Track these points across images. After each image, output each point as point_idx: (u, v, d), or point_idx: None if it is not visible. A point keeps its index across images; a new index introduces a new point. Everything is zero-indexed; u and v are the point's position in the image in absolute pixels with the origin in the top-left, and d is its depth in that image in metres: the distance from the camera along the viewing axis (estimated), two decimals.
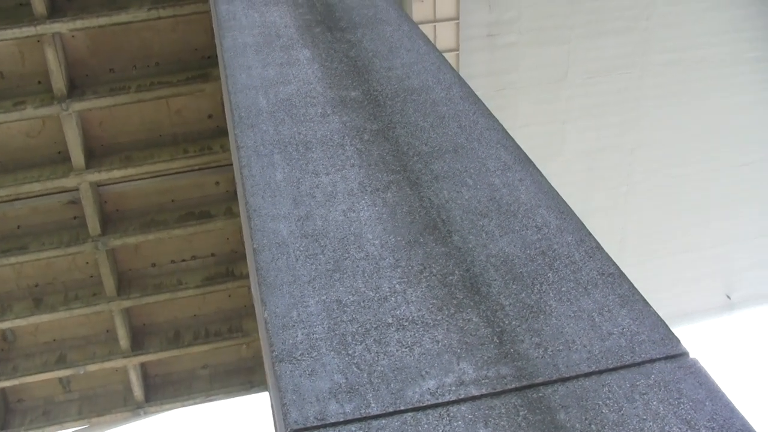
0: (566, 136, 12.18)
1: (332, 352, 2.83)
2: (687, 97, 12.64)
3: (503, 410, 2.58)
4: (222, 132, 10.16)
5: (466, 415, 2.57)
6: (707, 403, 2.60)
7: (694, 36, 12.25)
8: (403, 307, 3.01)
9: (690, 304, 14.65)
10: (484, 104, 4.51)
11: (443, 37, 10.94)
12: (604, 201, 12.94)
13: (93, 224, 9.84)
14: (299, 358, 2.82)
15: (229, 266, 10.86)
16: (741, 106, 13.02)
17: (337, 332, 2.92)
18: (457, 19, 10.93)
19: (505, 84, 11.56)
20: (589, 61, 11.82)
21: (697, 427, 2.52)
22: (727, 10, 12.23)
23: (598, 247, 3.30)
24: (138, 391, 11.01)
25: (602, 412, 2.57)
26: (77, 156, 9.59)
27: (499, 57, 11.42)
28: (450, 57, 10.93)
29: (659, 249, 13.76)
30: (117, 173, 9.77)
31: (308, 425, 2.56)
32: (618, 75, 12.06)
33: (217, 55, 7.71)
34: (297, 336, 2.91)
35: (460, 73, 10.94)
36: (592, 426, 2.52)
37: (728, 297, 14.77)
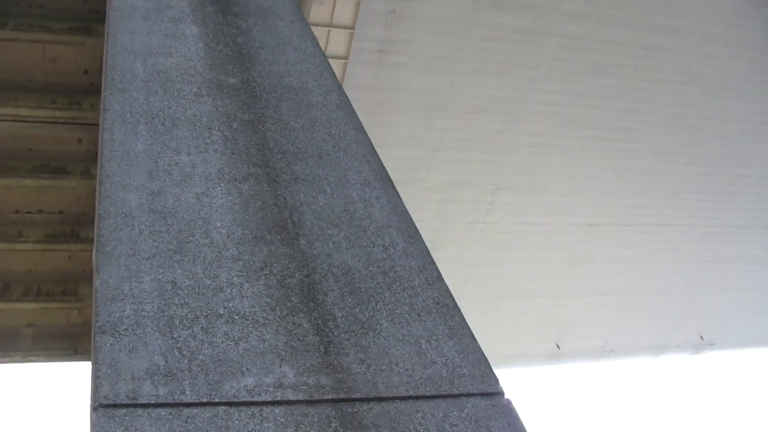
0: (434, 164, 12.38)
1: (157, 333, 2.78)
2: (553, 150, 13.05)
3: (316, 419, 2.59)
4: (95, 90, 9.82)
5: (279, 418, 2.57)
6: None
7: (572, 95, 12.67)
8: (237, 301, 2.99)
9: (521, 348, 15.07)
10: (357, 117, 4.54)
11: (335, 43, 10.95)
12: (458, 234, 13.19)
13: None
14: (122, 332, 2.76)
15: (76, 227, 10.49)
16: (598, 169, 13.54)
17: (166, 313, 2.88)
18: (353, 29, 10.95)
19: (386, 102, 11.65)
20: (471, 97, 12.05)
21: None
22: (606, 77, 12.71)
23: (439, 277, 3.36)
24: None
25: None
26: None
27: (385, 75, 11.52)
28: (338, 64, 10.95)
29: (500, 290, 14.12)
30: None
31: (118, 402, 2.50)
32: (494, 116, 12.34)
33: (105, 12, 7.47)
34: (125, 310, 2.85)
35: (345, 83, 10.99)
36: None
37: (558, 347, 15.29)
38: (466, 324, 3.14)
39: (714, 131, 14.08)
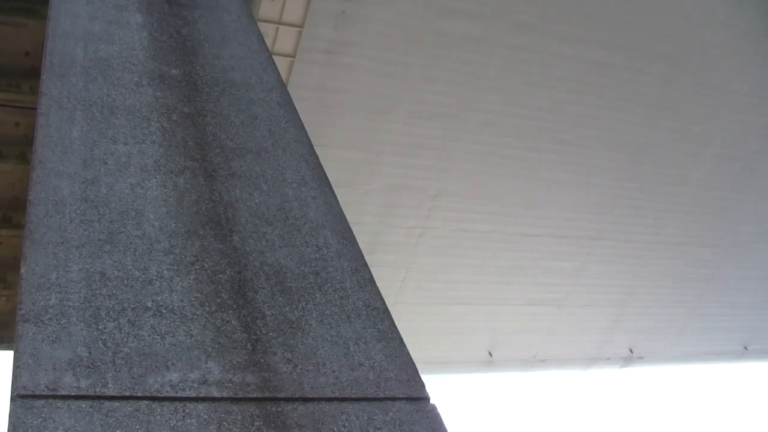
0: (376, 167, 12.36)
1: (82, 324, 2.74)
2: (496, 160, 13.13)
3: (239, 417, 2.57)
4: (36, 73, 9.61)
5: (202, 414, 2.54)
6: None
7: (517, 106, 12.76)
8: (166, 294, 2.95)
9: (454, 354, 15.13)
10: (298, 116, 4.52)
11: (283, 41, 10.89)
12: (397, 238, 13.19)
13: None
14: (46, 322, 2.70)
15: (8, 212, 10.27)
16: (539, 180, 13.66)
17: (92, 304, 2.83)
18: (302, 27, 10.90)
19: (331, 103, 11.61)
20: (416, 102, 12.06)
21: None
22: (551, 90, 12.84)
23: (371, 279, 3.36)
24: None
25: None
26: None
27: (332, 75, 11.48)
28: (284, 62, 10.89)
29: (436, 295, 14.15)
30: None
31: (37, 393, 2.45)
32: (440, 122, 12.37)
33: None
34: (50, 299, 2.80)
35: (291, 81, 10.93)
36: None
37: (490, 354, 15.39)
38: (396, 328, 3.14)
39: (652, 149, 14.32)
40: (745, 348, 18.48)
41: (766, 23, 13.99)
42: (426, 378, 3.05)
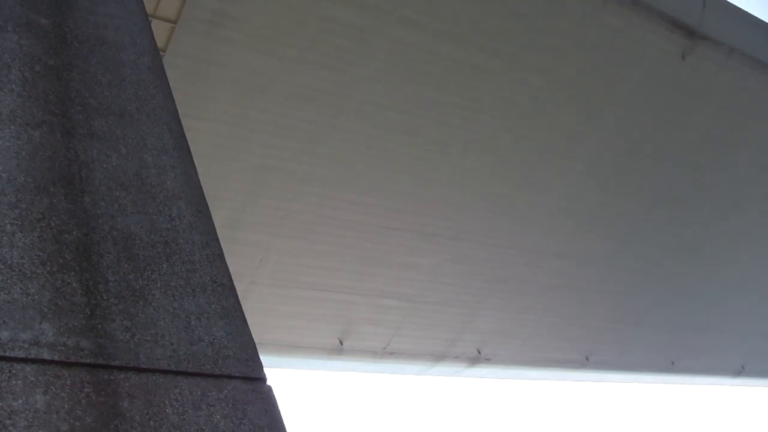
0: (247, 145, 12.23)
1: None
2: (365, 150, 13.19)
3: (69, 382, 2.51)
4: None
5: (29, 376, 2.46)
6: (266, 431, 2.69)
7: (393, 99, 12.83)
8: (6, 250, 2.84)
9: (305, 339, 15.14)
10: (168, 83, 4.41)
11: (166, 5, 10.64)
12: (260, 218, 13.09)
13: None
14: None
15: None
16: (406, 175, 13.81)
17: None
18: None
19: (208, 75, 11.41)
20: (293, 84, 11.99)
21: None
22: (427, 87, 12.99)
23: (221, 255, 3.32)
24: None
25: (165, 411, 2.58)
26: None
27: (212, 47, 11.28)
28: (165, 27, 10.65)
29: (293, 279, 14.11)
30: None
31: None
32: (314, 106, 12.33)
33: None
34: None
35: (170, 48, 10.70)
36: (151, 422, 2.52)
37: (341, 343, 15.47)
38: (240, 306, 3.12)
39: (518, 156, 14.68)
40: (587, 358, 19.20)
41: (639, 50, 14.54)
42: (271, 360, 3.04)
